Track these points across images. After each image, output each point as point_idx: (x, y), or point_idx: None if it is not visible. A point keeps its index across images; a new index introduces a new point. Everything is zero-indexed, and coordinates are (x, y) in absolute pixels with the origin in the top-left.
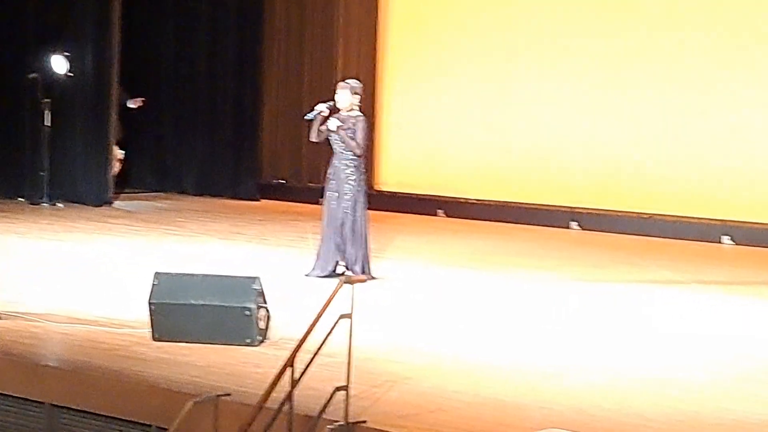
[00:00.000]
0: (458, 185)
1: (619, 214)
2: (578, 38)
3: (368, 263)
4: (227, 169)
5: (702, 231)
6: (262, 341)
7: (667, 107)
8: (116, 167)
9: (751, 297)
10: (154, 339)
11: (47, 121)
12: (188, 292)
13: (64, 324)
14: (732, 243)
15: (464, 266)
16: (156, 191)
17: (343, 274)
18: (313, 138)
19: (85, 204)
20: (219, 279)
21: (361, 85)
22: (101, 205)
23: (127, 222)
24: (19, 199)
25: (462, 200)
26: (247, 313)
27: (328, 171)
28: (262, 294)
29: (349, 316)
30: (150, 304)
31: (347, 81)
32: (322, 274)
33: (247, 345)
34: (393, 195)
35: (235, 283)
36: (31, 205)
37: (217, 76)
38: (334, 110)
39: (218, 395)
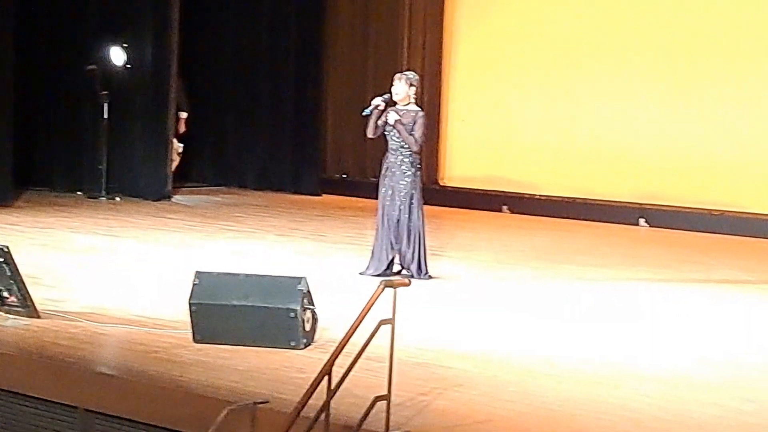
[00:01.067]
0: (523, 181)
1: (689, 210)
2: (647, 32)
3: (425, 262)
4: (288, 164)
5: None
6: (307, 344)
7: (738, 102)
8: (175, 161)
9: None
10: (195, 341)
11: (105, 114)
12: (230, 292)
13: (105, 324)
14: None
15: (524, 265)
16: (217, 185)
17: (399, 273)
18: (370, 134)
19: (143, 198)
20: (263, 279)
21: (418, 77)
22: (160, 200)
23: (184, 217)
24: (78, 193)
25: (527, 196)
26: (292, 314)
27: (383, 167)
28: (308, 295)
29: (389, 321)
30: (190, 304)
31: (404, 72)
32: (377, 273)
33: (292, 348)
34: (457, 190)
35: (280, 284)
36: (90, 199)
37: (279, 69)
38: (390, 103)
39: (255, 402)
